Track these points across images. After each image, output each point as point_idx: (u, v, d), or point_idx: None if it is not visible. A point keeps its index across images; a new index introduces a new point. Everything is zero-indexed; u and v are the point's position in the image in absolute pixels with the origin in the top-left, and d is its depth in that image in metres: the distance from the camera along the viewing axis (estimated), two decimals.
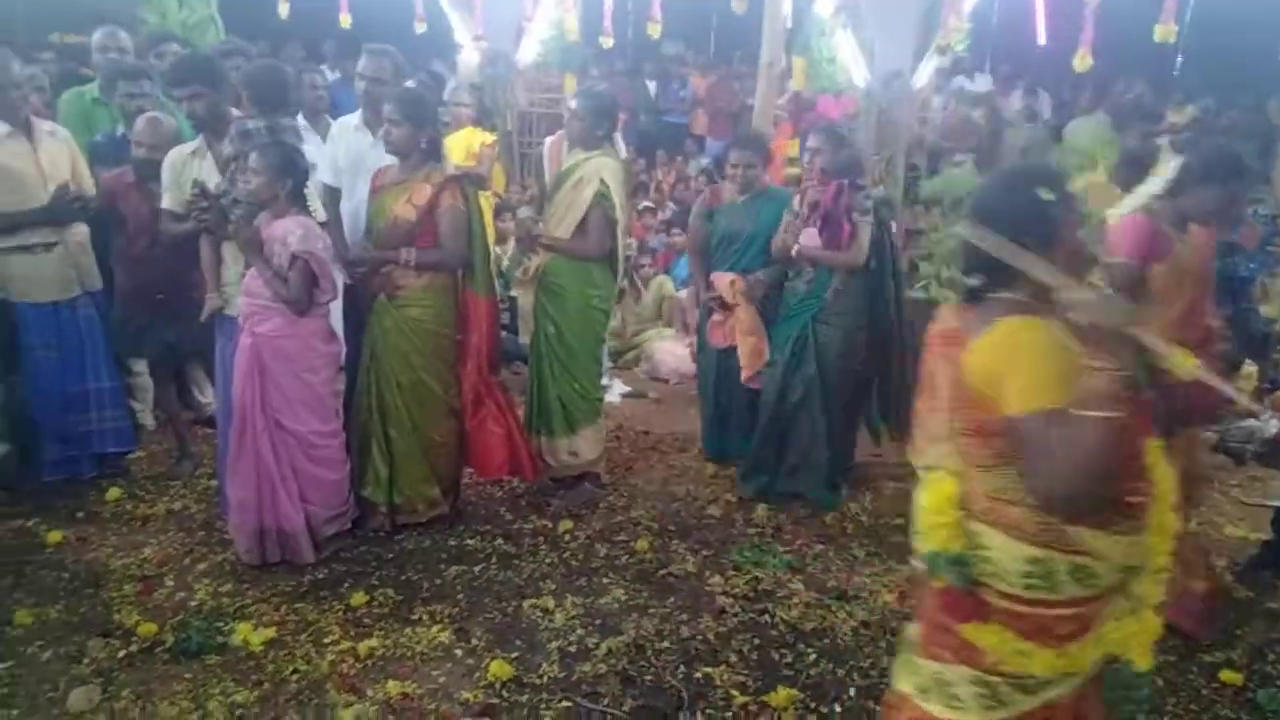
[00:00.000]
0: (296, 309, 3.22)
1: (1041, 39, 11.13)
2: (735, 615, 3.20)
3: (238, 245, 3.33)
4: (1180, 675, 2.94)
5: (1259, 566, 3.59)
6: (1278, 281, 6.06)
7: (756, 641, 3.06)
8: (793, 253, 3.90)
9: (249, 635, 2.95)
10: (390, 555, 3.53)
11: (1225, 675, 2.92)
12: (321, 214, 3.58)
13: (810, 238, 3.86)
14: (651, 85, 11.22)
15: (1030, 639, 1.67)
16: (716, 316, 4.21)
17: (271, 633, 2.98)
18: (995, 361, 1.65)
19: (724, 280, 4.14)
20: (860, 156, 3.92)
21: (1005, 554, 1.66)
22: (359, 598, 3.20)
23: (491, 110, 8.36)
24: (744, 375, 4.15)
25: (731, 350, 4.18)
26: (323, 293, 3.27)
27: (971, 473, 1.71)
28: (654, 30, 7.14)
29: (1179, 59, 12.88)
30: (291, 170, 3.23)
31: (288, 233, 3.17)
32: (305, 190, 3.30)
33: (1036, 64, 10.58)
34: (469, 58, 8.45)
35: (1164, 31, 5.64)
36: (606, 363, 4.73)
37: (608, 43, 7.58)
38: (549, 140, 5.94)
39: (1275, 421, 4.71)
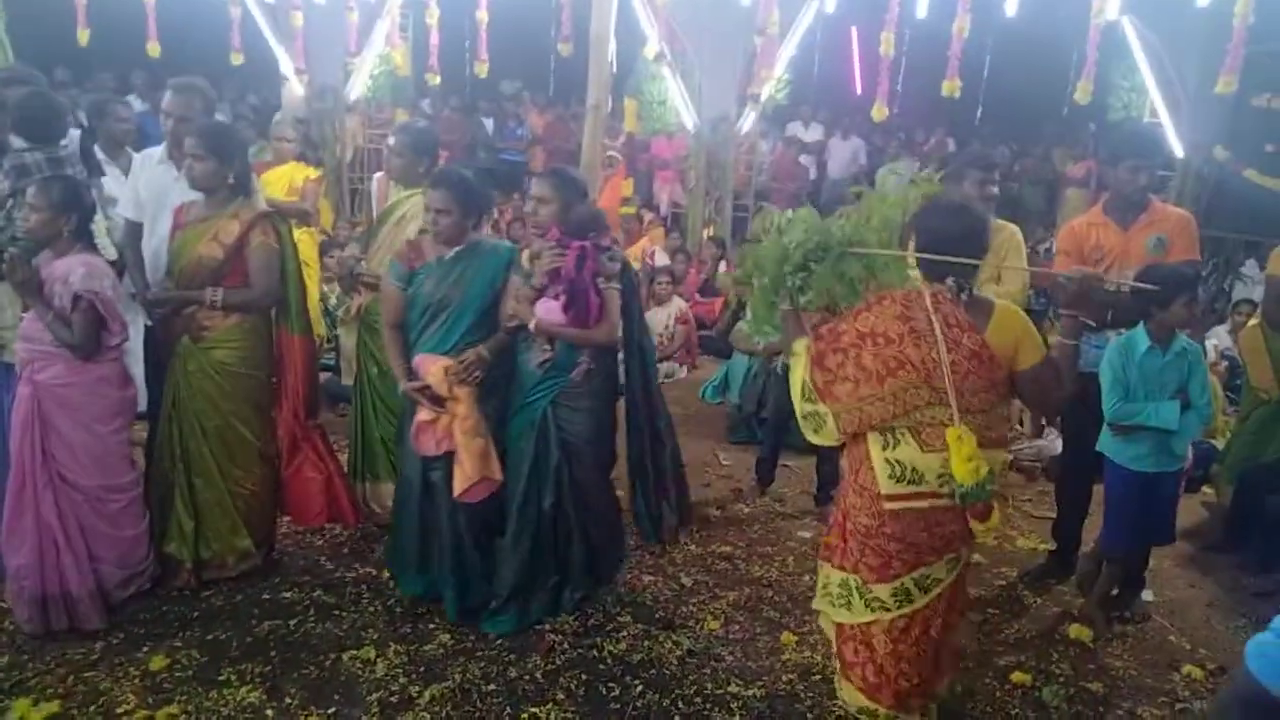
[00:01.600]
0: (81, 354, 2.99)
1: (858, 89, 11.94)
2: (564, 652, 3.19)
3: (12, 286, 3.07)
4: (976, 679, 3.15)
5: (1044, 575, 3.91)
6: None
7: (585, 677, 3.05)
8: (530, 328, 3.18)
9: (27, 712, 2.68)
10: (195, 614, 3.30)
11: (1016, 676, 3.16)
12: (111, 251, 3.37)
13: (551, 311, 3.15)
14: (489, 122, 11.25)
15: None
16: (424, 415, 3.18)
17: (55, 706, 2.73)
18: (1010, 335, 2.54)
19: (434, 367, 3.16)
20: (599, 212, 3.30)
21: (994, 461, 2.50)
22: (158, 661, 2.98)
23: (319, 144, 8.16)
24: (458, 489, 3.16)
25: (444, 458, 3.22)
26: (111, 335, 3.05)
27: (969, 419, 2.45)
28: (481, 70, 7.18)
29: (979, 111, 14.14)
30: (75, 205, 3.02)
31: (69, 272, 2.95)
32: (92, 227, 3.09)
33: (851, 112, 11.33)
34: (294, 90, 8.21)
35: (950, 86, 6.20)
36: None
37: (434, 80, 7.56)
38: (377, 176, 5.84)
39: (1060, 441, 5.18)
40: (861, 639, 2.66)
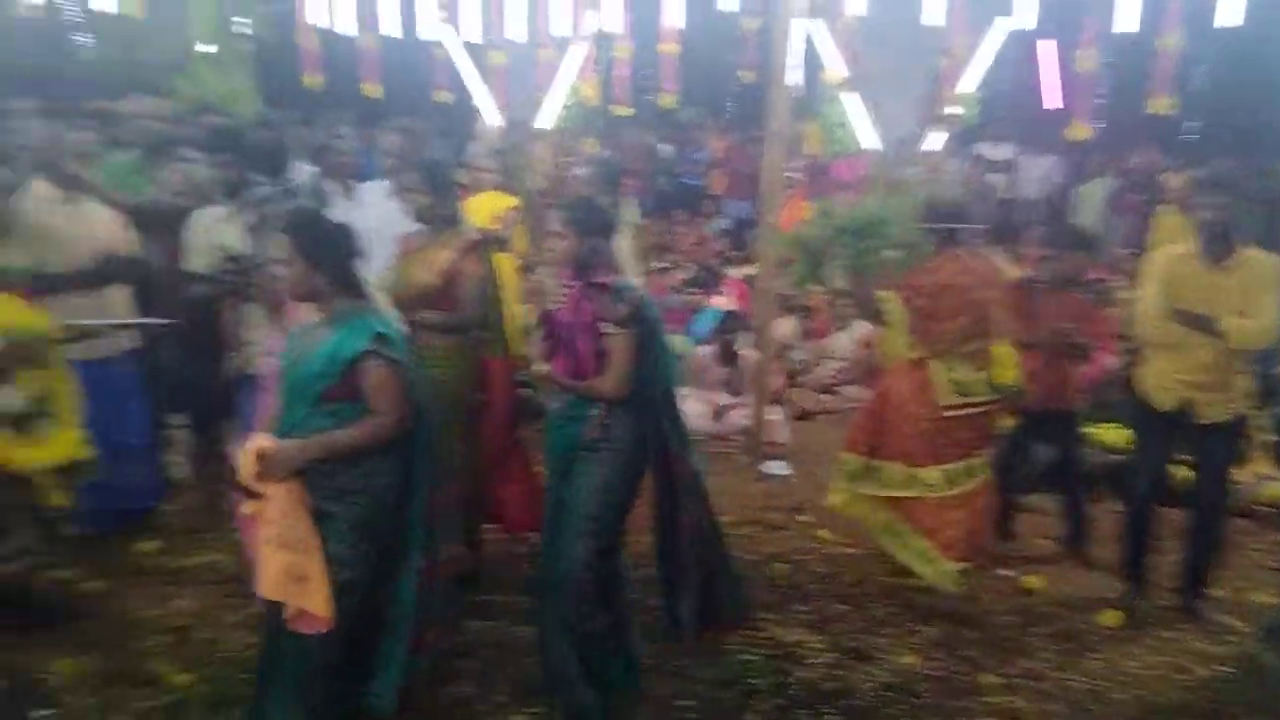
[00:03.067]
0: None
1: (1059, 103, 11.33)
2: (752, 675, 3.20)
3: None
4: None
5: None
6: None
7: (777, 703, 3.07)
8: (533, 375, 2.98)
9: None
10: None
11: None
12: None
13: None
14: (668, 149, 11.47)
15: None
16: (246, 508, 2.60)
17: None
18: (996, 277, 3.89)
19: (249, 446, 2.48)
20: (603, 246, 2.83)
21: None
22: None
23: (513, 174, 8.62)
24: (288, 612, 2.48)
25: None
26: None
27: (1002, 341, 3.79)
28: (668, 101, 7.40)
29: (1184, 124, 13.08)
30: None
31: None
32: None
33: (1044, 129, 10.76)
34: (491, 124, 8.72)
35: (1159, 104, 5.78)
36: None
37: (620, 111, 7.87)
38: None
39: None
40: (939, 508, 3.69)
